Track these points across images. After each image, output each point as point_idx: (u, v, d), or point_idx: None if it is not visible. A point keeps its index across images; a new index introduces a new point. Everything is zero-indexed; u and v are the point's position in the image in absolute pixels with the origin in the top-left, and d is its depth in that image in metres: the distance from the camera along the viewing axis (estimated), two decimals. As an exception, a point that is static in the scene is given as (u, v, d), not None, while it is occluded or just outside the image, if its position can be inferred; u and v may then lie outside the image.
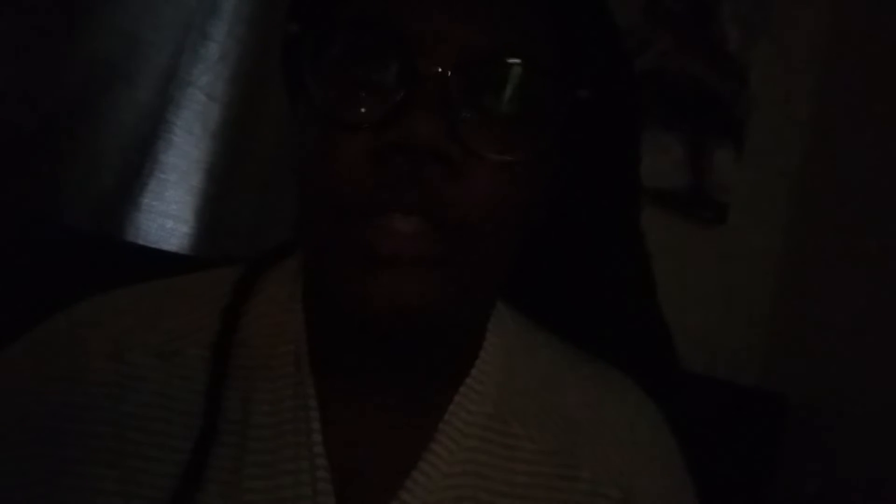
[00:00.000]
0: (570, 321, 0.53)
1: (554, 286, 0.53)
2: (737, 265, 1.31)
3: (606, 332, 0.53)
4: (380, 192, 0.38)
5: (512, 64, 0.40)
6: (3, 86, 0.85)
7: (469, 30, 0.39)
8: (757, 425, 1.13)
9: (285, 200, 0.43)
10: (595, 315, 0.53)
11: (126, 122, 0.94)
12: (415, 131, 0.37)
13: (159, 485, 0.41)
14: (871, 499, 1.03)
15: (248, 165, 1.02)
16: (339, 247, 0.40)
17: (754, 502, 1.08)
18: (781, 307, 1.30)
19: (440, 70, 0.38)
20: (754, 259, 1.33)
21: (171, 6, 0.97)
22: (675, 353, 0.55)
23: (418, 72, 0.38)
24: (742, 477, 1.05)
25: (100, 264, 0.74)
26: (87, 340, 0.44)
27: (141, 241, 0.95)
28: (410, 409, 0.46)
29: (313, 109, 0.41)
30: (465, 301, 0.43)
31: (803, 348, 1.23)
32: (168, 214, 1.00)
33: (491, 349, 0.49)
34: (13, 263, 0.77)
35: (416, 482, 0.44)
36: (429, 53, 0.38)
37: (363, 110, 0.39)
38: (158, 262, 0.90)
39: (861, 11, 1.29)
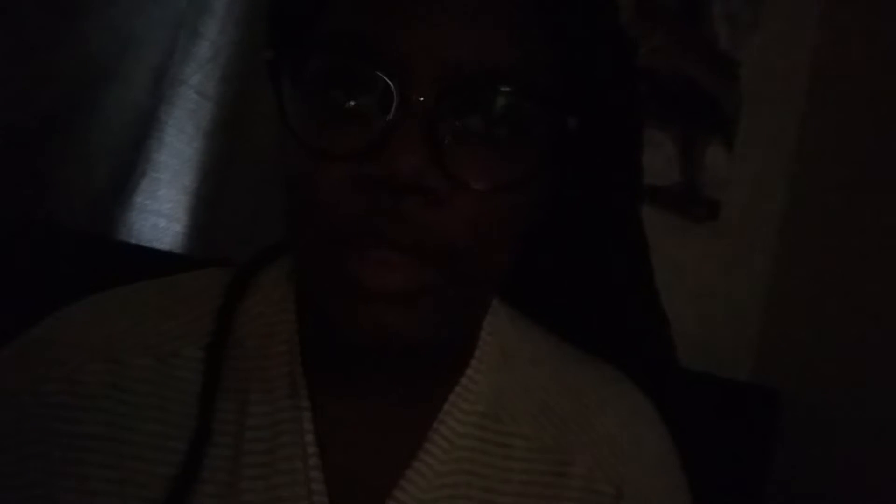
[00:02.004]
0: (568, 319, 0.53)
1: (551, 284, 0.53)
2: (729, 262, 1.32)
3: (605, 330, 0.53)
4: (362, 223, 0.37)
5: (498, 88, 0.38)
6: (-6, 85, 0.85)
7: (453, 51, 0.37)
8: (750, 421, 1.13)
9: (278, 199, 0.43)
10: (594, 313, 0.53)
11: (118, 121, 0.94)
12: (396, 164, 0.36)
13: (156, 485, 0.41)
14: (865, 493, 1.03)
15: (240, 164, 1.02)
16: (323, 274, 0.39)
17: (749, 498, 1.09)
18: (774, 303, 1.30)
19: (421, 97, 0.36)
20: (747, 255, 1.33)
21: (162, 5, 0.97)
22: (674, 350, 0.55)
23: (399, 98, 0.36)
24: (736, 472, 1.05)
25: (93, 263, 0.73)
26: (83, 341, 0.44)
27: (134, 241, 0.95)
28: (405, 409, 0.46)
29: (293, 135, 0.39)
30: (456, 322, 0.42)
31: (797, 344, 1.23)
32: (161, 213, 1.00)
33: (486, 347, 0.49)
34: (6, 263, 0.76)
35: (410, 481, 0.44)
36: (409, 78, 0.37)
37: (344, 139, 0.37)
38: (152, 261, 0.90)
39: (852, 7, 1.29)
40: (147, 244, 0.96)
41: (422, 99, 0.36)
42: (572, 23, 0.41)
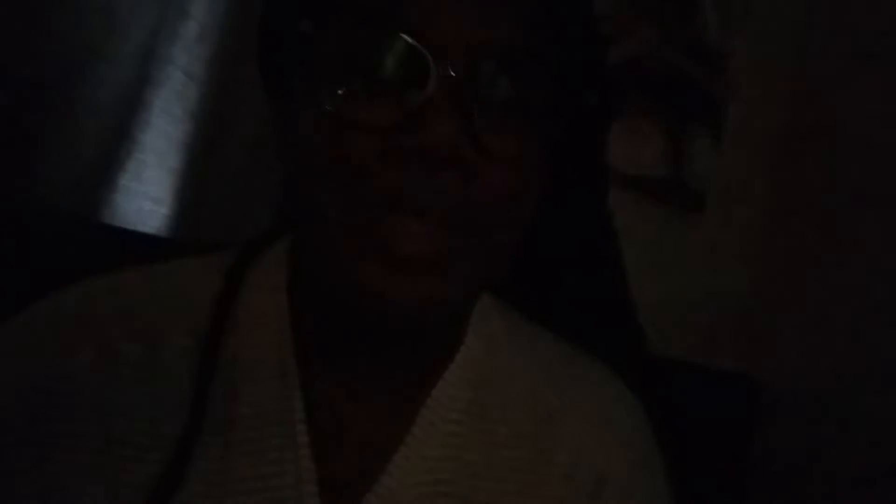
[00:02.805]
0: (541, 303, 0.54)
1: (528, 270, 0.53)
2: (715, 252, 1.33)
3: (579, 314, 0.54)
4: (395, 194, 0.38)
5: (525, 62, 0.40)
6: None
7: (482, 28, 0.39)
8: (733, 409, 1.14)
9: (264, 181, 0.43)
10: (565, 297, 0.54)
11: (103, 101, 0.93)
12: (432, 136, 0.37)
13: (147, 472, 0.41)
14: (846, 482, 1.05)
15: (226, 146, 1.02)
16: (353, 246, 0.40)
17: (730, 486, 1.10)
18: (759, 294, 1.32)
19: (454, 72, 0.38)
20: (732, 246, 1.34)
21: (149, -16, 0.96)
22: (641, 330, 0.56)
23: (433, 73, 0.38)
24: (718, 460, 1.06)
25: (78, 246, 0.73)
26: (73, 329, 0.44)
27: (119, 223, 0.94)
28: (395, 396, 0.47)
29: (322, 109, 0.40)
30: (475, 293, 0.44)
31: (781, 333, 1.25)
32: (146, 196, 0.99)
33: (475, 336, 0.49)
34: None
35: (397, 466, 0.45)
36: (443, 54, 0.38)
37: (376, 111, 0.38)
38: (137, 243, 0.89)
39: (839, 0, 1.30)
40: (132, 227, 0.95)
41: (454, 74, 0.38)
42: (569, 22, 0.44)
